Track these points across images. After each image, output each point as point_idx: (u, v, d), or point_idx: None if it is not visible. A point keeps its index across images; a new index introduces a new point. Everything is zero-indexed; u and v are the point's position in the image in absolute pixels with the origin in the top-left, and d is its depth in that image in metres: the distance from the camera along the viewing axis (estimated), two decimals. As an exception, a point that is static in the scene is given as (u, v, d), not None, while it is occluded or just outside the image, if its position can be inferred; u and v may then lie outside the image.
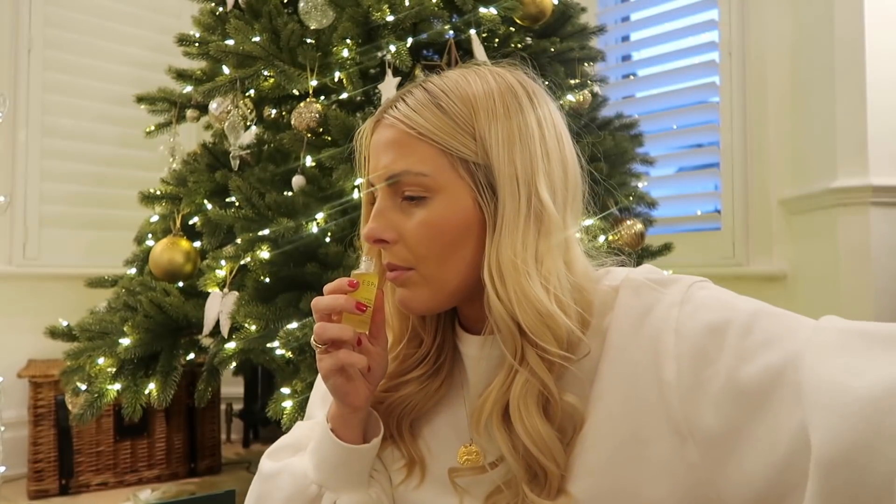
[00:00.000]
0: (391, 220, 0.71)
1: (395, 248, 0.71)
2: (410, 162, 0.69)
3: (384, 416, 0.80)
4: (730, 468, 0.58)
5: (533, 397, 0.67)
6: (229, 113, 1.80)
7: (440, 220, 0.69)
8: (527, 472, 0.67)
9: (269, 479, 0.78)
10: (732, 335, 0.60)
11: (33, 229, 2.78)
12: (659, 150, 2.78)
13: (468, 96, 0.71)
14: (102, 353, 1.74)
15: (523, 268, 0.67)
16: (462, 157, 0.69)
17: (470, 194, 0.69)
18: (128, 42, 3.02)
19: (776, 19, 2.55)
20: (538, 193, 0.69)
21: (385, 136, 0.72)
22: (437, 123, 0.70)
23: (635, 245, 1.96)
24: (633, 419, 0.65)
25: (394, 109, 0.72)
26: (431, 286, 0.71)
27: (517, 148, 0.70)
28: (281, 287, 1.64)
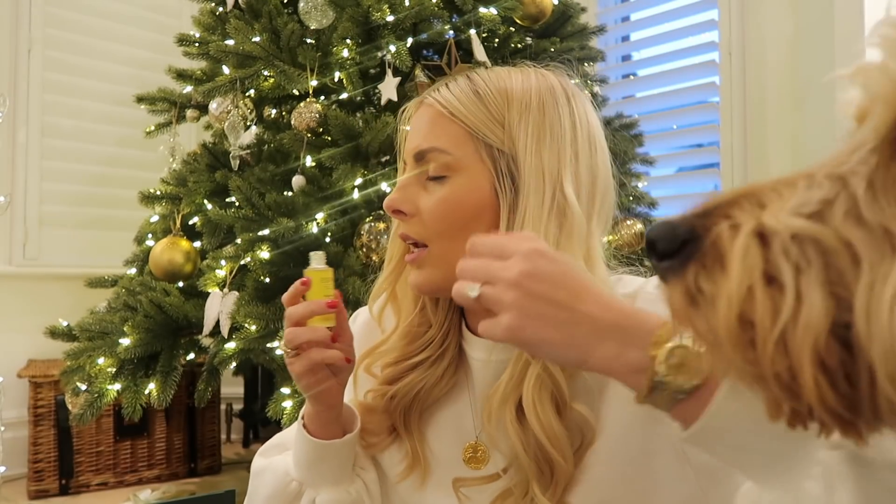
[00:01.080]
0: (412, 194, 0.74)
1: (412, 221, 0.74)
2: (439, 141, 0.73)
3: (390, 411, 0.80)
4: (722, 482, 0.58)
5: (547, 392, 0.67)
6: (229, 113, 1.80)
7: (456, 199, 0.72)
8: (536, 468, 0.67)
9: (256, 477, 0.81)
10: None
11: (33, 229, 2.78)
12: (659, 150, 2.78)
13: (506, 88, 0.74)
14: (102, 353, 1.73)
15: None
16: (487, 142, 0.72)
17: (489, 179, 0.71)
18: (128, 42, 3.02)
19: (776, 19, 2.55)
20: (563, 189, 0.70)
21: (423, 115, 0.76)
22: (470, 108, 0.72)
23: (635, 245, 1.96)
24: (643, 431, 0.65)
25: (436, 92, 0.76)
26: (442, 266, 0.72)
27: (546, 143, 0.71)
28: (281, 287, 1.63)
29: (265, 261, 1.61)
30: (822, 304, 0.31)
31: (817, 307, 0.31)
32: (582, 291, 0.52)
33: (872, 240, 0.31)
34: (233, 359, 1.61)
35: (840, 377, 0.31)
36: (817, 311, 0.31)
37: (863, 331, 0.30)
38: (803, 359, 0.31)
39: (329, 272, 0.75)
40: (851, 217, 0.31)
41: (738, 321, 0.32)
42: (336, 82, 1.76)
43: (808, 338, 0.31)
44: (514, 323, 0.52)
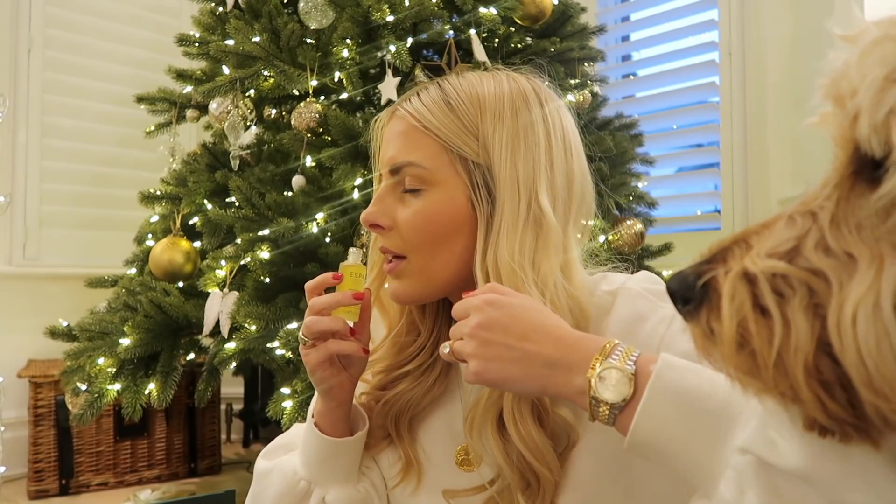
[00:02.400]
0: (389, 207, 0.74)
1: (390, 235, 0.74)
2: (414, 155, 0.72)
3: (382, 416, 0.80)
4: None
5: (527, 404, 0.67)
6: (229, 113, 1.80)
7: (432, 213, 0.72)
8: (521, 480, 0.68)
9: (262, 478, 0.80)
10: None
11: (33, 229, 2.78)
12: (659, 150, 2.78)
13: (477, 97, 0.73)
14: (102, 353, 1.73)
15: (520, 272, 0.68)
16: (462, 154, 0.72)
17: (464, 192, 0.72)
18: (128, 42, 3.02)
19: (776, 19, 2.55)
20: (538, 199, 0.70)
21: (395, 128, 0.75)
22: (443, 120, 0.72)
23: (635, 245, 1.96)
24: None
25: (407, 103, 0.76)
26: (421, 277, 0.73)
27: (521, 153, 0.71)
28: (281, 287, 1.63)
29: (265, 261, 1.61)
30: (807, 326, 0.36)
31: (803, 330, 0.36)
32: (530, 332, 0.58)
33: (839, 265, 0.36)
34: (233, 359, 1.61)
35: (837, 389, 0.36)
36: (803, 333, 0.36)
37: (836, 344, 0.35)
38: (798, 377, 0.36)
39: (362, 269, 0.75)
40: (820, 248, 0.37)
41: (739, 351, 0.38)
42: (336, 82, 1.76)
43: (799, 358, 0.36)
44: (477, 368, 0.59)
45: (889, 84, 0.35)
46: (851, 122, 0.37)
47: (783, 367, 0.37)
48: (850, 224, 0.37)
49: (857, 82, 0.36)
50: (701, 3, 2.79)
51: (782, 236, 0.39)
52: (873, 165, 0.36)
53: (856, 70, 0.37)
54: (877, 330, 0.34)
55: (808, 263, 0.37)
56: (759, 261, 0.38)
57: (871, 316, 0.34)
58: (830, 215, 0.37)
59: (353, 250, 0.77)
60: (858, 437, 0.37)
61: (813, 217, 0.38)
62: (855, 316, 0.34)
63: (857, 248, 0.36)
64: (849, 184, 0.37)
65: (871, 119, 0.35)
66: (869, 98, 0.35)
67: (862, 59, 0.37)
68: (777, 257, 0.38)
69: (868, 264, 0.35)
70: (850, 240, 0.36)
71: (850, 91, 0.37)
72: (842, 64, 0.38)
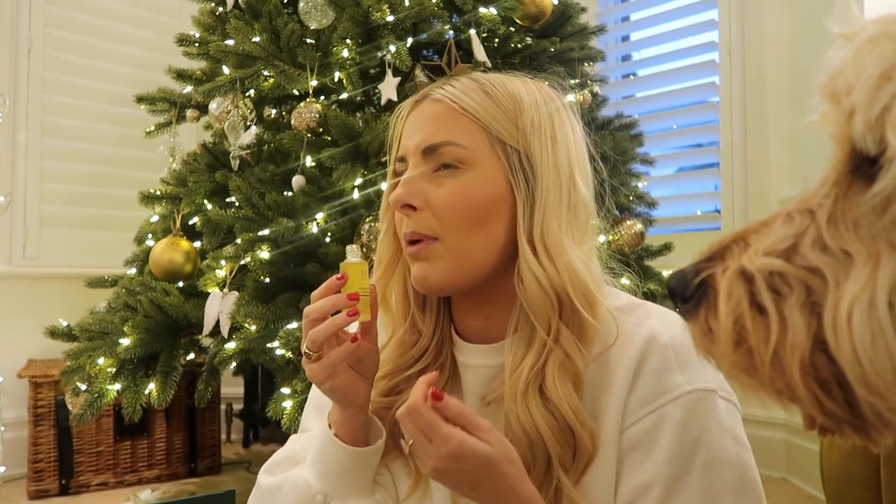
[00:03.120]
0: (420, 188, 0.73)
1: (422, 216, 0.72)
2: (453, 134, 0.72)
3: (392, 425, 0.78)
4: None
5: (568, 374, 0.70)
6: (229, 113, 1.80)
7: (470, 191, 0.71)
8: (560, 446, 0.69)
9: (271, 494, 0.77)
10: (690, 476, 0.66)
11: (33, 229, 2.78)
12: (659, 150, 2.78)
13: (514, 91, 0.75)
14: (102, 353, 1.74)
15: (567, 244, 0.71)
16: (501, 138, 0.73)
17: (503, 174, 0.72)
18: (128, 42, 3.02)
19: (776, 19, 2.55)
20: (576, 185, 0.74)
21: (429, 110, 0.75)
22: (483, 104, 0.73)
23: (635, 245, 1.96)
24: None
25: (440, 89, 0.75)
26: (454, 258, 0.72)
27: (559, 143, 0.74)
28: (281, 287, 1.64)
29: (265, 261, 1.61)
30: (803, 324, 0.36)
31: (799, 328, 0.36)
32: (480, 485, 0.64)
33: (836, 263, 0.36)
34: (233, 359, 1.61)
35: (833, 387, 0.36)
36: (800, 331, 0.36)
37: (832, 342, 0.35)
38: (795, 374, 0.36)
39: (364, 265, 0.73)
40: (818, 246, 0.37)
41: (736, 349, 0.38)
42: (336, 82, 1.76)
43: (795, 355, 0.36)
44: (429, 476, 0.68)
45: (884, 81, 0.35)
46: (847, 120, 0.37)
47: (780, 365, 0.37)
48: (848, 222, 0.37)
49: (852, 80, 0.36)
50: (701, 3, 2.79)
51: (780, 234, 0.39)
52: (870, 163, 0.36)
53: (852, 68, 0.37)
54: (872, 327, 0.34)
55: (805, 261, 0.37)
56: (757, 259, 0.38)
57: (867, 313, 0.34)
58: (828, 213, 0.38)
59: (352, 247, 0.74)
60: (857, 435, 0.37)
61: (811, 215, 0.38)
62: (850, 313, 0.34)
63: (853, 245, 0.36)
64: (847, 182, 0.38)
65: (866, 116, 0.35)
66: (864, 95, 0.35)
67: (858, 57, 0.37)
68: (774, 255, 0.38)
69: (864, 262, 0.35)
70: (847, 238, 0.36)
71: (846, 89, 0.37)
72: (839, 62, 0.38)
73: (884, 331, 0.33)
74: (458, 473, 0.63)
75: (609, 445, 0.69)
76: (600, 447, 0.69)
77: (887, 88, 0.35)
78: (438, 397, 0.63)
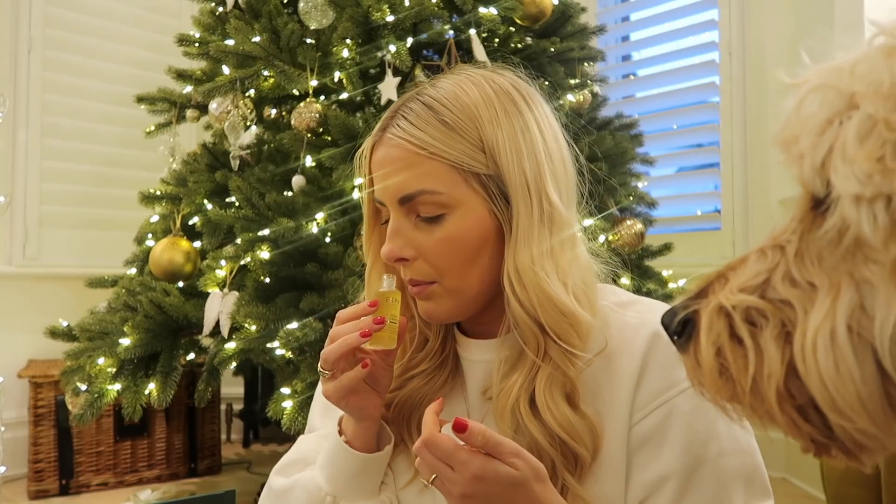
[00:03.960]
0: (409, 238, 0.72)
1: (416, 265, 0.72)
2: (424, 181, 0.70)
3: (395, 420, 0.80)
4: None
5: (558, 388, 0.69)
6: (229, 113, 1.80)
7: (460, 235, 0.70)
8: (561, 456, 0.69)
9: (282, 496, 0.79)
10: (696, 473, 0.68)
11: (33, 229, 2.78)
12: (659, 150, 2.78)
13: (469, 107, 0.71)
14: (102, 353, 1.73)
15: (541, 272, 0.70)
16: (474, 171, 0.70)
17: (485, 206, 0.71)
18: (128, 42, 3.02)
19: (776, 19, 2.55)
20: (548, 196, 0.72)
21: (392, 155, 0.72)
22: (445, 140, 0.70)
23: (635, 245, 1.96)
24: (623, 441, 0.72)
25: (396, 128, 0.72)
26: (455, 297, 0.73)
27: (524, 154, 0.71)
28: (281, 287, 1.63)
29: (265, 261, 1.61)
30: (777, 354, 0.39)
31: (774, 357, 0.39)
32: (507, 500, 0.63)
33: (803, 294, 0.39)
34: (233, 359, 1.61)
35: (811, 412, 0.38)
36: (774, 360, 0.39)
37: (801, 369, 0.38)
38: (772, 401, 0.39)
39: (397, 294, 0.72)
40: (787, 279, 0.40)
41: (720, 378, 0.41)
42: (336, 82, 1.76)
43: (772, 383, 0.39)
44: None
45: (826, 128, 0.38)
46: (798, 166, 0.40)
47: (759, 393, 0.40)
48: (813, 255, 0.40)
49: (798, 129, 0.40)
50: (701, 3, 2.79)
51: (754, 270, 0.42)
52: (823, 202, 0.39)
53: (797, 117, 0.40)
54: (835, 354, 0.36)
55: (776, 294, 0.40)
56: (732, 296, 0.42)
57: (829, 341, 0.36)
58: (795, 249, 0.41)
59: (387, 277, 0.74)
60: (845, 457, 0.40)
61: (781, 251, 0.42)
62: (815, 342, 0.37)
63: (818, 277, 0.39)
64: (809, 218, 0.40)
65: (812, 162, 0.38)
66: (809, 142, 0.38)
67: (800, 107, 0.40)
68: (749, 291, 0.41)
69: (826, 292, 0.38)
70: (812, 270, 0.39)
71: (793, 137, 0.40)
72: (787, 111, 0.41)
73: (846, 356, 0.36)
74: (486, 496, 0.62)
75: (617, 441, 0.70)
76: (607, 442, 0.70)
77: (828, 135, 0.37)
78: (462, 428, 0.62)
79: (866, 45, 0.39)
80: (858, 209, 0.36)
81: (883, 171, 0.35)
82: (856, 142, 0.36)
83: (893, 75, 0.36)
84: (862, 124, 0.36)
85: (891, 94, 0.36)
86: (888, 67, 0.37)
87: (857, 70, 0.38)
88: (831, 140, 0.37)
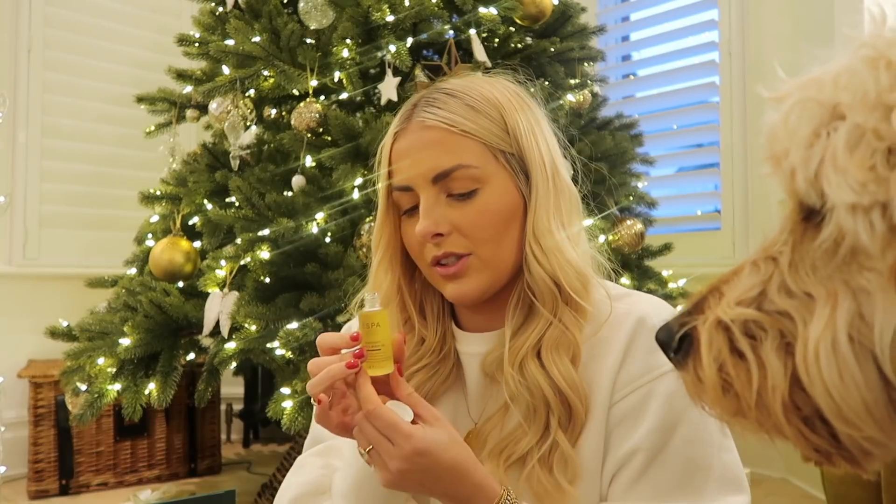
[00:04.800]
0: (442, 215, 0.76)
1: (452, 238, 0.76)
2: (461, 156, 0.76)
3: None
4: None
5: (565, 348, 0.75)
6: (229, 113, 1.80)
7: (492, 207, 0.76)
8: (559, 407, 0.74)
9: None
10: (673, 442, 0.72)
11: (33, 229, 2.78)
12: (659, 150, 2.78)
13: (491, 97, 0.79)
14: (102, 354, 1.73)
15: (558, 235, 0.77)
16: (500, 148, 0.78)
17: (511, 180, 0.78)
18: (128, 42, 3.02)
19: (776, 19, 2.55)
20: (559, 172, 0.81)
21: (424, 137, 0.77)
22: (475, 120, 0.77)
23: (635, 245, 1.96)
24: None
25: (426, 113, 0.78)
26: (489, 268, 0.77)
27: (539, 137, 0.80)
28: (281, 287, 1.64)
29: (265, 261, 1.61)
30: (780, 366, 0.39)
31: (776, 369, 0.39)
32: (442, 478, 0.67)
33: (801, 305, 0.39)
34: (233, 359, 1.61)
35: (817, 422, 0.38)
36: (777, 372, 0.39)
37: (805, 380, 0.38)
38: (778, 413, 0.39)
39: (380, 315, 0.69)
40: (783, 290, 0.40)
41: (724, 394, 0.41)
42: (336, 82, 1.76)
43: (777, 396, 0.39)
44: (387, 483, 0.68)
45: (815, 139, 0.38)
46: (790, 179, 0.40)
47: (764, 406, 0.40)
48: (807, 266, 0.40)
49: (787, 142, 0.40)
50: (701, 3, 2.79)
51: (749, 283, 0.42)
52: (816, 212, 0.40)
53: (784, 131, 0.40)
54: (838, 363, 0.36)
55: (774, 306, 0.40)
56: (729, 310, 0.42)
57: (831, 351, 0.37)
58: (789, 260, 0.41)
59: (369, 295, 0.71)
60: (848, 465, 0.40)
61: (774, 262, 0.42)
62: (817, 352, 0.37)
63: (814, 287, 0.39)
64: (801, 229, 0.41)
65: (805, 175, 0.39)
66: (799, 156, 0.39)
67: (786, 121, 0.40)
68: (746, 304, 0.42)
69: (824, 302, 0.38)
70: (807, 280, 0.40)
71: (783, 151, 0.40)
72: (772, 126, 0.41)
73: (849, 365, 0.36)
74: (422, 470, 0.66)
75: (598, 418, 0.74)
76: (590, 419, 0.74)
77: (818, 147, 0.38)
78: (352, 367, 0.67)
79: (849, 57, 0.40)
80: (855, 218, 0.36)
81: (876, 179, 0.35)
82: (846, 152, 0.37)
83: (879, 85, 0.37)
84: (850, 134, 0.37)
85: (878, 104, 0.36)
86: (873, 77, 0.37)
87: (841, 81, 0.39)
88: (821, 152, 0.38)
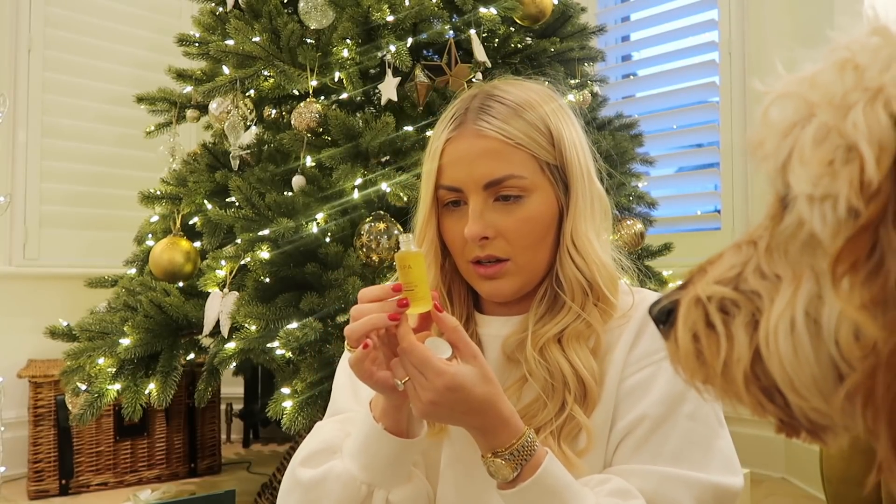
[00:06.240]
0: (489, 220, 0.82)
1: (496, 242, 0.82)
2: (512, 167, 0.82)
3: None
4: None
5: (587, 340, 0.82)
6: (229, 113, 1.80)
7: (536, 216, 0.83)
8: (576, 386, 0.79)
9: (313, 488, 0.79)
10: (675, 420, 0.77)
11: (33, 229, 2.78)
12: (659, 150, 2.78)
13: (541, 110, 0.85)
14: (102, 353, 1.73)
15: (595, 241, 0.84)
16: (547, 160, 0.84)
17: (553, 191, 0.84)
18: (128, 42, 3.02)
19: (776, 19, 2.55)
20: (593, 180, 0.87)
21: (479, 146, 0.83)
22: (527, 133, 0.83)
23: (635, 245, 1.96)
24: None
25: (483, 122, 0.83)
26: (525, 272, 0.84)
27: (578, 147, 0.86)
28: (281, 287, 1.63)
29: (265, 261, 1.61)
30: (745, 340, 0.43)
31: (742, 343, 0.43)
32: (470, 411, 0.71)
33: (771, 286, 0.43)
34: (233, 359, 1.61)
35: (775, 393, 0.42)
36: (742, 345, 0.43)
37: (764, 354, 0.42)
38: (739, 382, 0.43)
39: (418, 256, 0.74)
40: (758, 272, 0.44)
41: (696, 362, 0.46)
42: (336, 82, 1.76)
43: (740, 367, 0.43)
44: (420, 414, 0.73)
45: (789, 131, 0.42)
46: (764, 167, 0.44)
47: (729, 375, 0.44)
48: (780, 250, 0.44)
49: (764, 133, 0.44)
50: (701, 3, 2.79)
51: (729, 263, 0.47)
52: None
53: (763, 123, 0.44)
54: (793, 340, 0.40)
55: (748, 286, 0.44)
56: (708, 287, 0.46)
57: (788, 328, 0.40)
58: (766, 244, 0.45)
59: (403, 237, 0.75)
60: (811, 437, 0.44)
61: (754, 245, 0.46)
62: (777, 328, 0.41)
63: (783, 270, 0.43)
64: (780, 215, 0.44)
65: (775, 164, 0.42)
66: (772, 146, 0.43)
67: (766, 114, 0.44)
68: (724, 283, 0.46)
69: (789, 283, 0.42)
70: (779, 263, 0.43)
71: (760, 141, 0.44)
72: (756, 117, 0.45)
73: (803, 342, 0.40)
74: (451, 403, 0.70)
75: (608, 392, 0.80)
76: (602, 394, 0.80)
77: (790, 139, 0.41)
78: (438, 310, 0.73)
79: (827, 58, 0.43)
80: (812, 208, 0.39)
81: (832, 173, 0.38)
82: (812, 146, 0.40)
83: (845, 87, 0.40)
84: (818, 131, 0.40)
85: (842, 105, 0.39)
86: (841, 80, 0.41)
87: (817, 81, 0.42)
88: (792, 144, 0.41)
